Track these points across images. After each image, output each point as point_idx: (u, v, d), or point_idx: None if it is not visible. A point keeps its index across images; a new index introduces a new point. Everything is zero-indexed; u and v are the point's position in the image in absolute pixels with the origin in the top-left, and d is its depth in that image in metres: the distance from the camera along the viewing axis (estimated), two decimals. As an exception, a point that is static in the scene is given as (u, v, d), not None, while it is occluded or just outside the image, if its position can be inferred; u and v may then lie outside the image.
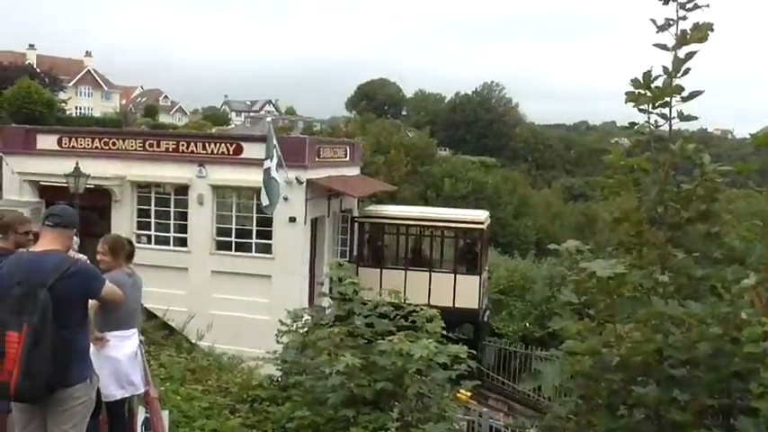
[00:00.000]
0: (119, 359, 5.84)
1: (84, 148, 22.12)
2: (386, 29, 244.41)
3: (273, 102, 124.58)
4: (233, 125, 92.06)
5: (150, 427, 4.17)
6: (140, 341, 6.37)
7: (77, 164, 19.87)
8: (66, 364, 4.38)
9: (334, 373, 7.53)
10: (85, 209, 19.88)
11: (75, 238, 8.16)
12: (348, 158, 25.66)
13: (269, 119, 42.31)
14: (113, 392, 5.68)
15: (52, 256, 4.53)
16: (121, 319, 5.85)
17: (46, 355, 4.27)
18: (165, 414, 4.24)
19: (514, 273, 27.90)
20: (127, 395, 5.89)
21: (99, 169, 20.92)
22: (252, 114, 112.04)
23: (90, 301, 4.66)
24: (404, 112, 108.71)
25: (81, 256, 7.31)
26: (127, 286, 5.50)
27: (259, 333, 13.78)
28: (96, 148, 22.14)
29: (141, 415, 4.65)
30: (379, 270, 23.02)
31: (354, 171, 26.61)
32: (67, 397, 4.46)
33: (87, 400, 4.54)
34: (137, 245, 22.97)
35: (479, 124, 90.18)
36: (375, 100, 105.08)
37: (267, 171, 19.11)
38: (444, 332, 8.41)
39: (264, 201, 19.21)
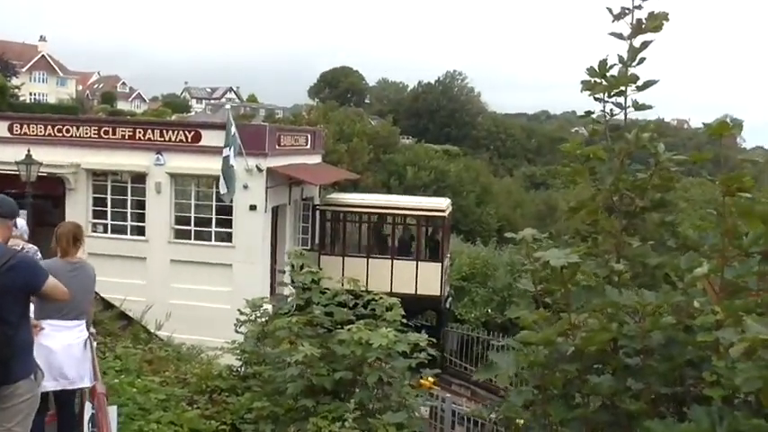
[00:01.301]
0: (52, 349, 5.62)
1: (37, 135, 21.56)
2: (349, 17, 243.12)
3: (235, 89, 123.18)
4: (193, 112, 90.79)
5: (96, 424, 4.05)
6: (90, 335, 6.18)
7: (29, 151, 19.35)
8: (7, 360, 4.22)
9: (293, 363, 7.47)
10: (39, 197, 19.45)
11: (25, 227, 7.91)
12: (310, 146, 25.48)
13: (228, 106, 41.70)
14: (43, 384, 5.47)
15: (-10, 247, 4.34)
16: (60, 307, 5.59)
17: (-14, 352, 4.11)
18: (113, 410, 4.11)
19: (476, 260, 28.07)
20: (58, 388, 5.68)
21: (52, 157, 20.42)
22: (212, 102, 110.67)
23: None
24: (367, 101, 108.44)
25: (31, 246, 7.09)
26: (62, 275, 5.17)
27: (219, 323, 13.62)
28: (49, 135, 21.60)
29: (88, 411, 4.51)
30: (341, 258, 22.97)
31: (316, 159, 26.44)
32: (10, 394, 4.30)
33: (31, 398, 4.38)
34: (93, 234, 22.50)
35: (442, 113, 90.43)
36: (338, 88, 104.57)
37: (226, 159, 18.89)
38: (406, 320, 8.39)
39: (222, 189, 19.01)
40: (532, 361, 3.85)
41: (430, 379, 14.79)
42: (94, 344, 6.37)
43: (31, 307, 4.65)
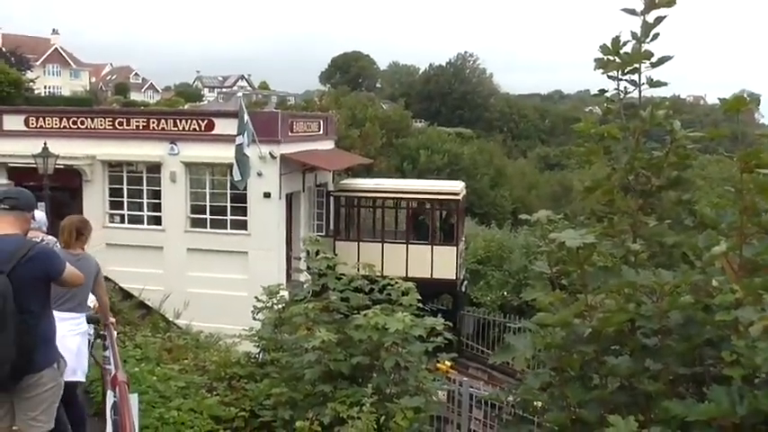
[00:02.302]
0: None
1: (53, 127, 21.69)
2: (359, 1, 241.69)
3: (246, 77, 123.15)
4: (206, 101, 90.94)
5: (118, 412, 4.08)
6: (111, 324, 6.21)
7: (45, 144, 19.48)
8: (30, 350, 4.26)
9: (311, 349, 7.49)
10: (56, 190, 19.61)
11: (44, 219, 7.96)
12: (322, 132, 25.47)
13: (240, 94, 41.76)
14: None
15: (9, 240, 4.37)
16: (55, 298, 5.60)
17: (9, 342, 4.15)
18: (134, 398, 4.15)
19: (491, 243, 28.03)
20: None
21: (69, 149, 20.55)
22: (224, 90, 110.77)
23: None
24: (378, 85, 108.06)
25: (50, 237, 7.14)
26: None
27: (236, 310, 13.71)
28: (65, 127, 21.72)
29: (110, 399, 4.55)
30: (356, 243, 22.99)
31: (329, 145, 26.43)
32: (34, 384, 4.35)
33: (55, 386, 4.43)
34: (110, 225, 22.64)
35: (454, 96, 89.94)
36: (349, 73, 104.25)
37: (239, 147, 18.94)
38: (422, 304, 8.38)
39: (236, 176, 19.11)
40: (549, 343, 3.82)
41: (447, 363, 14.79)
42: (114, 333, 6.41)
43: None
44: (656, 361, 3.57)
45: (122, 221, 21.72)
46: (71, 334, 5.87)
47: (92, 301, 6.41)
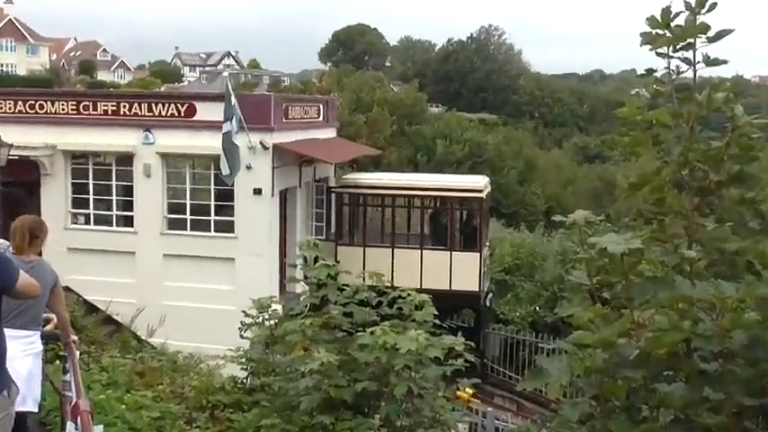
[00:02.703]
0: None
1: (6, 112, 21.82)
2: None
3: (233, 54, 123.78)
4: (186, 82, 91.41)
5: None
6: (72, 342, 6.22)
7: (-2, 132, 19.57)
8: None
9: (308, 373, 7.50)
10: (10, 185, 19.71)
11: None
12: (322, 118, 25.56)
13: (227, 74, 41.91)
14: None
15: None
16: (5, 312, 5.55)
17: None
18: (99, 429, 4.15)
19: (521, 249, 28.09)
20: None
21: (25, 137, 20.60)
22: (208, 69, 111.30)
23: None
24: (387, 63, 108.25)
25: (2, 241, 7.16)
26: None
27: (221, 327, 13.75)
28: (20, 112, 21.84)
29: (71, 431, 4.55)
30: (361, 249, 23.09)
31: (330, 133, 26.52)
32: (-22, 413, 4.32)
33: (5, 417, 4.40)
34: (73, 226, 22.78)
35: (476, 75, 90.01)
36: (353, 50, 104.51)
37: (226, 135, 19.01)
38: (438, 321, 8.39)
39: (224, 170, 19.14)
40: (588, 367, 3.81)
41: (468, 390, 14.82)
42: (77, 354, 6.43)
43: None
44: (716, 390, 3.55)
45: (87, 222, 21.84)
46: (22, 355, 5.83)
47: (48, 315, 6.41)
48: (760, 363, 3.49)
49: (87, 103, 21.81)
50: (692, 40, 4.06)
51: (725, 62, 4.11)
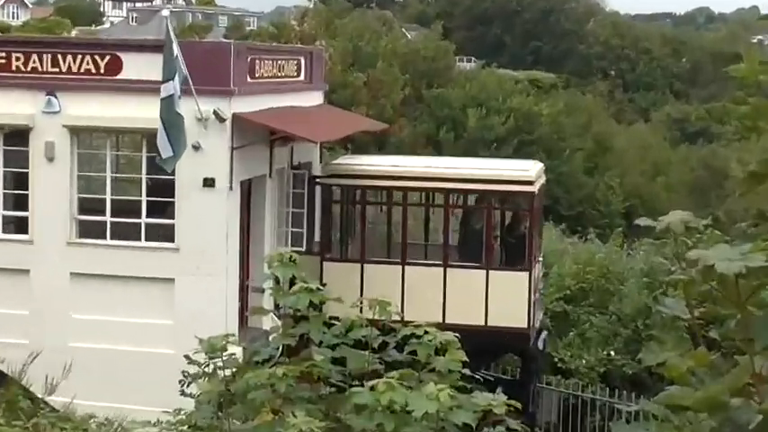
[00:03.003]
0: None
1: None
2: None
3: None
4: (108, 24, 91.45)
5: None
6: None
7: None
8: None
9: (281, 446, 7.50)
10: None
11: None
12: (304, 77, 25.59)
13: (167, 12, 41.92)
14: None
15: None
16: None
17: None
18: None
19: (589, 267, 28.08)
20: None
21: None
22: (139, 6, 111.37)
23: None
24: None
25: None
26: None
27: (153, 379, 13.76)
28: None
29: None
30: (358, 266, 23.05)
31: (315, 99, 26.58)
32: None
33: None
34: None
35: (526, 17, 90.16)
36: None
37: (166, 102, 18.98)
38: (469, 370, 8.37)
39: (165, 150, 19.10)
40: (688, 438, 3.81)
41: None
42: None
43: None
44: None
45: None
46: None
47: None
48: None
49: (-40, 55, 21.84)
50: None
51: None
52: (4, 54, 21.79)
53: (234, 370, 9.17)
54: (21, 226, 21.72)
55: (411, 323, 8.48)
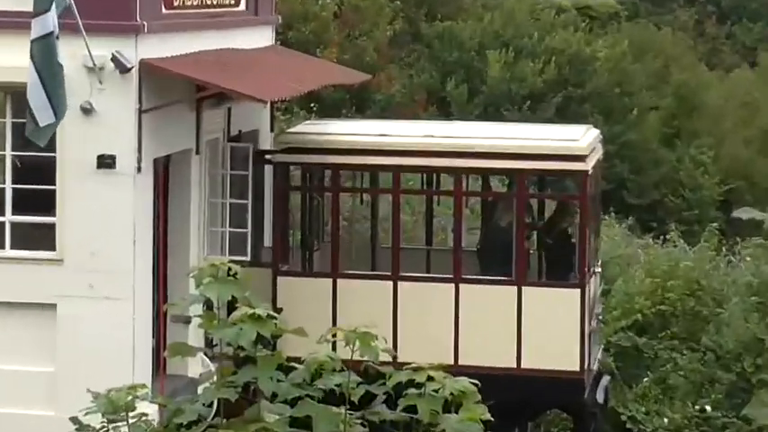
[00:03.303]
0: None
1: None
2: None
3: None
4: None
5: None
6: None
7: None
8: None
9: None
10: None
11: None
12: (246, 7, 25.64)
13: None
14: None
15: None
16: None
17: None
18: None
19: (671, 281, 28.07)
20: None
21: None
22: None
23: None
24: None
25: None
26: None
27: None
28: None
29: None
30: (329, 282, 23.04)
31: (263, 38, 26.65)
32: None
33: None
34: None
35: None
36: None
37: (41, 43, 19.00)
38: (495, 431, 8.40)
39: (43, 115, 19.09)
40: None
41: None
42: None
43: None
44: None
45: None
46: None
47: None
48: None
49: None
50: None
51: None
52: None
53: (146, 437, 9.13)
54: None
55: (408, 365, 8.46)
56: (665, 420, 25.57)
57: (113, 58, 20.41)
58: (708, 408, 25.58)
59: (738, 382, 25.20)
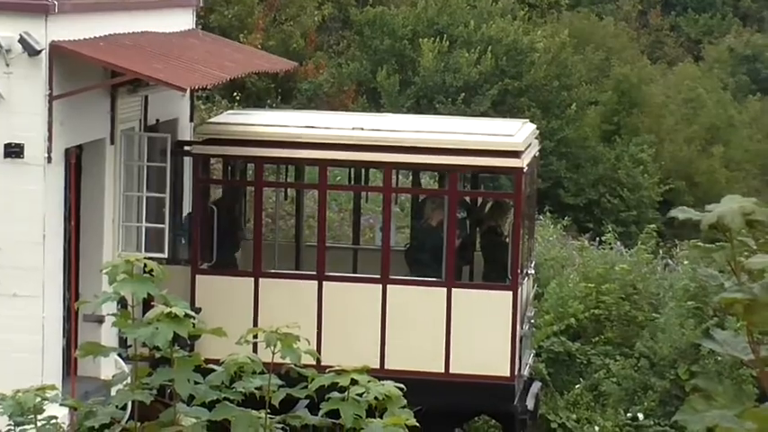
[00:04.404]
0: None
1: None
2: None
3: None
4: None
5: None
6: None
7: None
8: None
9: None
10: None
11: None
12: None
13: None
14: None
15: None
16: None
17: None
18: None
19: (606, 284, 28.28)
20: None
21: None
22: None
23: None
24: None
25: None
26: None
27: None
28: None
29: None
30: (251, 281, 23.04)
31: (183, 22, 26.61)
32: None
33: None
34: None
35: None
36: None
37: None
38: (420, 440, 8.48)
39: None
40: None
41: None
42: None
43: None
44: None
45: None
46: None
47: None
48: None
49: None
50: None
51: None
52: None
53: (56, 442, 9.16)
54: None
55: (331, 368, 8.56)
56: (596, 429, 25.74)
57: (21, 40, 20.31)
58: (640, 415, 25.77)
59: (672, 390, 25.41)
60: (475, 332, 22.75)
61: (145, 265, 9.14)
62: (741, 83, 67.37)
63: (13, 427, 9.28)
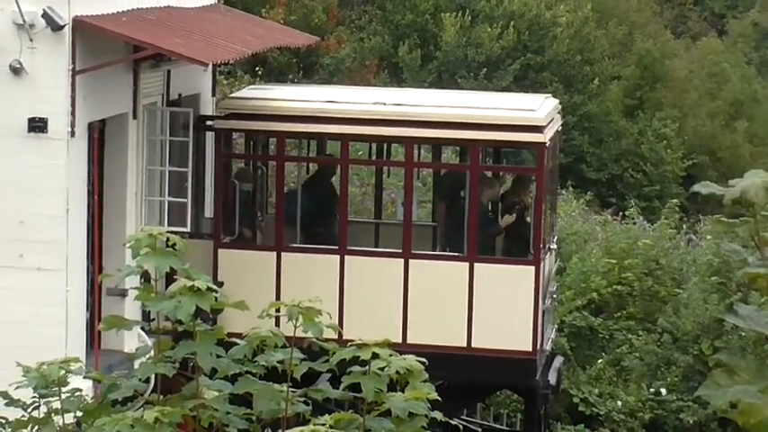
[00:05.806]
0: None
1: None
2: None
3: None
4: None
5: None
6: None
7: None
8: None
9: None
10: None
11: None
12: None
13: None
14: None
15: None
16: None
17: None
18: None
19: (629, 259, 28.20)
20: None
21: None
22: None
23: None
24: None
25: None
26: None
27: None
28: None
29: None
30: (273, 255, 23.02)
31: (204, -2, 26.43)
32: None
33: None
34: None
35: None
36: None
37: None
38: (440, 415, 8.46)
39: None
40: None
41: None
42: None
43: None
44: None
45: None
46: None
47: None
48: None
49: None
50: None
51: None
52: None
53: (79, 414, 9.16)
54: None
55: (353, 342, 8.55)
56: (619, 403, 25.69)
57: (44, 15, 20.27)
58: (663, 390, 25.72)
59: (695, 365, 25.34)
60: (497, 307, 22.71)
61: (168, 239, 9.16)
62: (765, 57, 66.85)
63: (38, 400, 9.30)
